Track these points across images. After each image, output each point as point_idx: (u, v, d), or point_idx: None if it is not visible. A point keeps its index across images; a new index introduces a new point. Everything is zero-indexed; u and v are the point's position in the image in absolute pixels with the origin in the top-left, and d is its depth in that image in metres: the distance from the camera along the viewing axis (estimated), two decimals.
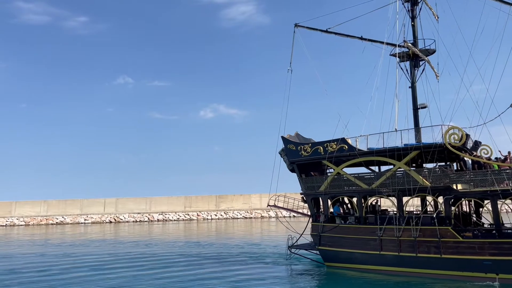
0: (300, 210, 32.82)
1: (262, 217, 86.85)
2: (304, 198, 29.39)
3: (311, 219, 29.63)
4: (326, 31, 29.59)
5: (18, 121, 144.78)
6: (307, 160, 28.42)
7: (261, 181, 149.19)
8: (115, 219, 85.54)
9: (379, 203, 28.10)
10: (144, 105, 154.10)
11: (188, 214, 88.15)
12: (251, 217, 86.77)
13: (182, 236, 55.71)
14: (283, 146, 29.92)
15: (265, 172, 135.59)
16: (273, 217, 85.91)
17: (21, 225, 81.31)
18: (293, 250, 29.84)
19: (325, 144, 27.47)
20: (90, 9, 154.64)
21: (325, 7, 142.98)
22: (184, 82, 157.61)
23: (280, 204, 32.42)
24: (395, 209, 28.94)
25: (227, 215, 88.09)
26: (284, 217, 37.69)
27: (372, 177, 26.33)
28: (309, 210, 30.19)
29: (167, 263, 31.92)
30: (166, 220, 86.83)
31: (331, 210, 28.18)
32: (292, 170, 30.05)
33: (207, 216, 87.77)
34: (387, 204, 31.24)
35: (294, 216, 46.55)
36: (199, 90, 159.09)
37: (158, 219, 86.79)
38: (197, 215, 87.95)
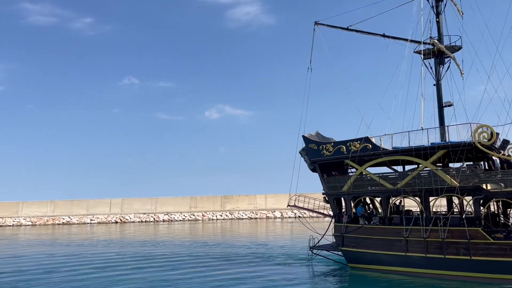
0: (319, 210, 31.77)
1: (267, 217, 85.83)
2: (326, 198, 28.43)
3: (333, 220, 28.62)
4: (347, 29, 28.67)
5: (25, 122, 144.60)
6: (329, 160, 27.48)
7: (267, 182, 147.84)
8: (120, 219, 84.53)
9: (402, 203, 27.11)
10: (150, 106, 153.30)
11: (194, 215, 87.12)
12: (256, 218, 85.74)
13: (190, 236, 54.82)
14: (304, 145, 28.93)
15: (270, 172, 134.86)
16: (278, 218, 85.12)
17: (28, 225, 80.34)
18: (314, 251, 28.84)
19: (348, 143, 26.54)
20: (95, 10, 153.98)
21: (337, 6, 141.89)
22: (190, 83, 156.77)
23: (300, 204, 31.35)
24: (419, 210, 28.14)
25: (233, 216, 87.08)
26: (299, 217, 36.55)
27: (396, 177, 25.38)
28: (330, 210, 29.22)
29: (187, 263, 31.15)
30: (171, 220, 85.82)
31: (354, 210, 27.21)
32: (313, 170, 29.12)
33: (213, 216, 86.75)
34: (410, 204, 30.28)
35: (310, 216, 45.50)
36: (205, 91, 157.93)
37: (163, 220, 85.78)
38: (203, 215, 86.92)
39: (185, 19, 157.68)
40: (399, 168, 27.88)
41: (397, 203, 26.85)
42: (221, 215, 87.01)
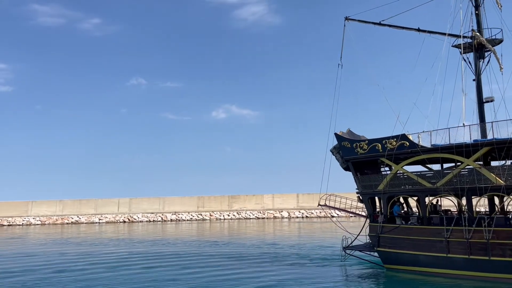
0: (350, 210, 30.25)
1: (274, 217, 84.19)
2: (360, 197, 26.92)
3: (367, 220, 27.13)
4: (379, 24, 27.24)
5: (34, 122, 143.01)
6: (363, 158, 25.98)
7: (274, 182, 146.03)
8: (128, 219, 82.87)
9: (439, 203, 25.65)
10: (157, 106, 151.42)
11: (201, 214, 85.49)
12: (263, 218, 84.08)
13: (202, 235, 53.39)
14: (337, 143, 27.44)
15: (277, 172, 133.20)
16: (286, 218, 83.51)
17: (37, 224, 78.69)
18: (348, 251, 27.32)
19: (384, 141, 25.06)
20: (103, 11, 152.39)
21: (344, 5, 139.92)
22: (197, 83, 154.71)
23: (331, 204, 29.83)
24: (457, 209, 26.68)
25: (240, 216, 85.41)
26: (331, 217, 35.10)
27: (436, 175, 23.90)
28: (361, 210, 27.74)
29: (208, 263, 30.04)
30: (179, 220, 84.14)
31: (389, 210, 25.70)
32: (346, 169, 27.61)
33: (220, 216, 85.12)
34: (446, 203, 28.79)
35: (338, 216, 43.98)
36: (211, 91, 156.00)
37: (171, 219, 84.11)
38: (210, 215, 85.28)
39: (192, 19, 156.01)
40: (434, 167, 26.45)
41: (434, 203, 25.37)
42: (228, 215, 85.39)
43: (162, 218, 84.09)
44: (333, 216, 34.04)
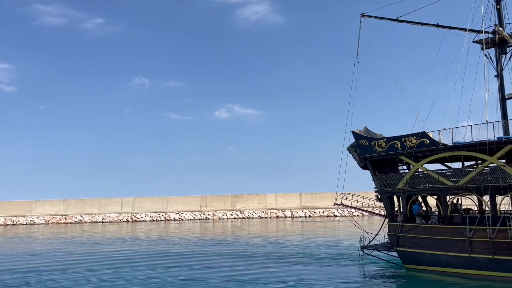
0: (367, 209, 29.41)
1: (277, 217, 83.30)
2: (379, 196, 26.09)
3: (386, 219, 26.29)
4: (397, 20, 26.43)
5: (37, 122, 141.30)
6: (382, 156, 25.14)
7: (277, 181, 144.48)
8: (132, 218, 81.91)
9: (460, 202, 24.84)
10: (160, 106, 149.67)
11: (204, 214, 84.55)
12: (266, 217, 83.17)
13: (207, 234, 52.66)
14: (353, 141, 26.60)
15: (280, 171, 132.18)
16: (289, 217, 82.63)
17: (41, 223, 77.68)
18: (366, 250, 26.46)
19: (403, 139, 24.24)
20: (106, 10, 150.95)
21: (349, 4, 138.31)
22: (199, 83, 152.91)
23: (348, 203, 28.95)
24: (477, 208, 25.91)
25: (243, 215, 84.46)
26: (347, 216, 34.28)
27: (457, 174, 23.08)
28: (377, 209, 26.91)
29: (219, 262, 29.29)
30: (182, 219, 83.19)
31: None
32: (363, 167, 26.75)
33: (223, 215, 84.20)
34: (464, 202, 27.96)
35: (351, 215, 43.08)
36: (214, 91, 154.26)
37: (174, 219, 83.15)
38: (213, 214, 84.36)
39: (195, 18, 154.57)
40: (453, 165, 25.65)
41: (454, 202, 24.56)
42: (231, 214, 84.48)
43: (165, 217, 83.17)
44: (348, 215, 32.88)
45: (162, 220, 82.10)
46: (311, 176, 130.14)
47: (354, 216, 37.04)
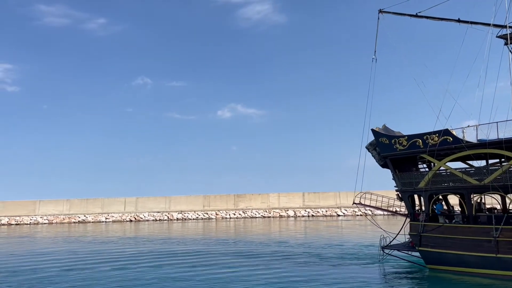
0: (387, 208, 28.54)
1: (280, 216, 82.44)
2: (400, 195, 25.23)
3: (407, 218, 25.44)
4: (416, 16, 25.60)
5: (40, 122, 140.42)
6: (403, 154, 24.29)
7: (279, 181, 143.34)
8: (135, 218, 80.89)
9: (483, 201, 24.00)
10: (163, 106, 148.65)
11: (207, 213, 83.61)
12: (269, 217, 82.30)
13: (210, 234, 51.68)
14: (373, 139, 25.76)
15: (283, 171, 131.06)
16: (292, 216, 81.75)
17: (45, 223, 76.64)
18: (386, 250, 25.60)
19: (425, 137, 23.39)
20: (108, 11, 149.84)
21: (353, 3, 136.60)
22: (202, 82, 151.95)
23: (367, 202, 28.08)
24: (500, 207, 25.09)
25: (246, 214, 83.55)
26: (366, 215, 33.43)
27: (482, 172, 22.26)
28: (401, 208, 26.07)
29: (228, 261, 28.47)
30: (185, 219, 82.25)
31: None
32: (383, 166, 25.91)
33: (226, 215, 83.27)
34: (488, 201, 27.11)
35: (366, 214, 42.11)
36: (217, 90, 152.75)
37: (177, 218, 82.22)
38: (216, 214, 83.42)
39: (197, 18, 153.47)
40: (474, 163, 24.84)
41: (478, 201, 23.72)
42: (234, 214, 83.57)
43: (168, 217, 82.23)
44: (367, 215, 32.02)
45: (165, 220, 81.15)
46: (314, 176, 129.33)
47: (365, 215, 36.17)
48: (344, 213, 79.65)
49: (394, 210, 28.02)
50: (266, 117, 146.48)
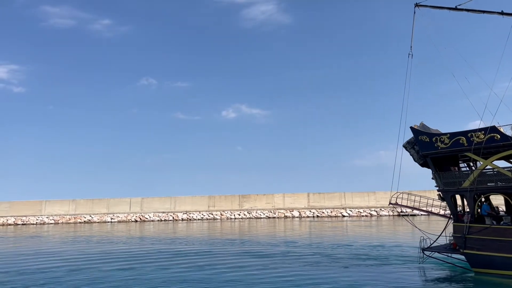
0: (426, 209, 26.88)
1: (285, 217, 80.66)
2: (442, 195, 23.57)
3: (449, 220, 23.79)
4: (456, 9, 24.03)
5: (46, 122, 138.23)
6: (444, 153, 22.64)
7: (284, 181, 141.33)
8: (140, 218, 78.88)
9: None
10: (167, 106, 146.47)
11: (212, 214, 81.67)
12: (274, 217, 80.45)
13: (216, 234, 50.06)
14: (411, 137, 24.11)
15: (288, 171, 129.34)
16: (296, 217, 79.99)
17: (51, 223, 74.48)
18: (427, 252, 23.93)
19: (469, 134, 21.78)
20: (113, 12, 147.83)
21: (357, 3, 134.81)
22: (206, 83, 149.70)
23: (404, 202, 26.40)
24: None
25: (250, 215, 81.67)
26: (403, 215, 31.79)
27: None
28: (434, 208, 24.43)
29: (250, 262, 26.94)
30: (190, 219, 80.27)
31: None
32: (422, 165, 24.23)
33: (231, 215, 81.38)
34: None
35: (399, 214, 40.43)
36: (221, 91, 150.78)
37: (182, 218, 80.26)
38: (221, 214, 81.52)
39: (201, 19, 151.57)
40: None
41: None
42: (239, 214, 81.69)
43: (173, 217, 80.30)
44: (404, 215, 30.30)
45: (170, 220, 79.23)
46: (319, 176, 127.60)
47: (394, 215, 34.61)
48: (349, 214, 78.03)
49: (430, 210, 26.37)
50: (271, 117, 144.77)
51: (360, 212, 77.91)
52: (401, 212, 34.67)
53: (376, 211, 77.70)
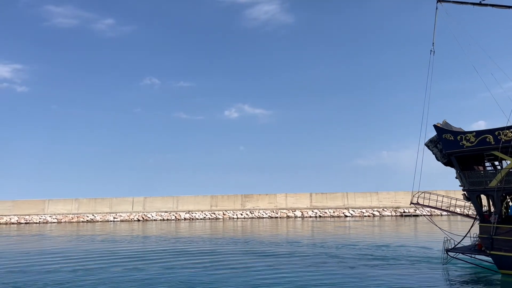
0: (448, 209, 25.98)
1: (287, 216, 79.66)
2: (467, 195, 22.67)
3: (475, 220, 22.91)
4: (480, 4, 23.21)
5: (50, 122, 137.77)
6: (471, 152, 21.75)
7: (287, 181, 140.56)
8: (143, 218, 77.78)
9: None
10: (170, 106, 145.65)
11: (214, 213, 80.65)
12: (276, 217, 79.44)
13: (219, 233, 49.14)
14: (434, 135, 23.22)
15: (291, 171, 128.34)
16: (299, 217, 79.01)
17: (54, 222, 73.28)
18: (451, 253, 23.00)
19: (497, 132, 20.92)
20: (116, 11, 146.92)
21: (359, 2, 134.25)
22: (209, 83, 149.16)
23: (426, 202, 25.44)
24: None
25: (253, 215, 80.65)
26: (425, 215, 30.79)
27: None
28: (457, 208, 23.53)
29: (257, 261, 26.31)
30: (192, 219, 79.21)
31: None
32: (446, 164, 23.34)
33: (233, 215, 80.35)
34: None
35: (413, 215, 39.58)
36: (224, 90, 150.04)
37: (184, 218, 79.19)
38: (223, 214, 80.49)
39: (204, 19, 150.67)
40: None
41: None
42: (241, 214, 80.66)
43: (175, 216, 79.27)
44: (426, 215, 29.30)
45: (173, 220, 78.22)
46: (321, 176, 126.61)
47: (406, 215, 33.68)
48: (352, 214, 77.15)
49: (452, 210, 25.48)
50: (273, 117, 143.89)
51: (363, 212, 77.04)
52: (422, 211, 33.78)
53: (379, 211, 76.82)
